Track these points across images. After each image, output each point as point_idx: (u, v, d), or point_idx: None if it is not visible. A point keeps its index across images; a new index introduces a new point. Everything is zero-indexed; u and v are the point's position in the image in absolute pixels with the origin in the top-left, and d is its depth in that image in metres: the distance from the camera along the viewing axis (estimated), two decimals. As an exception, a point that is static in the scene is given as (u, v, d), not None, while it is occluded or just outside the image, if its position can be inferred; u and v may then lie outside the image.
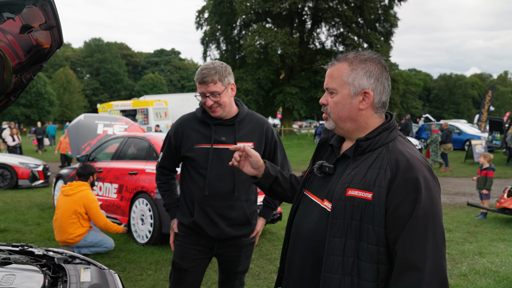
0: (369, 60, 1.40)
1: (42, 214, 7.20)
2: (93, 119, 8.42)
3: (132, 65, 77.15)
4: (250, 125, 2.41)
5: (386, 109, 1.45)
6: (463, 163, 15.44)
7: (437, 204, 1.29)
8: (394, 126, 1.41)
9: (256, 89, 28.43)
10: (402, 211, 1.25)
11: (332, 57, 1.49)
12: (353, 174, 1.35)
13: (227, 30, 30.59)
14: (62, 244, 4.81)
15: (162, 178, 2.53)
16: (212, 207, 2.32)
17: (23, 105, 44.97)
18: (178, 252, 2.42)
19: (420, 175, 1.27)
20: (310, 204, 1.48)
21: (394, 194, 1.26)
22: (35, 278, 1.83)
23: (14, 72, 2.12)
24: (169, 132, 2.46)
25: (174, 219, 2.47)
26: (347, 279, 1.30)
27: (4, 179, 10.23)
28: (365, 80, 1.38)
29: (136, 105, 20.28)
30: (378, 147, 1.37)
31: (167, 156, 2.47)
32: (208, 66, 2.25)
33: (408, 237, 1.24)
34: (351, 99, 1.39)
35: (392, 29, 30.68)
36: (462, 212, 7.64)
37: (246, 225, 2.41)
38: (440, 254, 1.25)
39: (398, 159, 1.30)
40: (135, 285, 4.05)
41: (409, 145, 1.39)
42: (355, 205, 1.30)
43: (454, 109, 67.31)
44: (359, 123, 1.41)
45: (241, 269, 2.49)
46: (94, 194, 4.90)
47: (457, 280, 4.24)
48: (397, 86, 30.92)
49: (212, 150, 2.30)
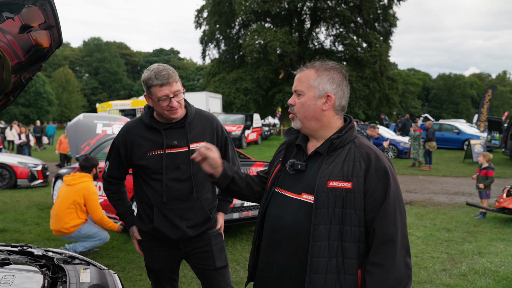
0: (333, 69, 1.61)
1: (41, 214, 7.18)
2: (92, 118, 8.41)
3: (131, 64, 77.10)
4: (201, 125, 2.36)
5: (345, 113, 1.67)
6: (462, 162, 15.45)
7: (399, 186, 1.56)
8: (354, 126, 1.65)
9: (255, 89, 28.43)
10: (377, 195, 1.49)
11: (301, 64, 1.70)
12: (331, 168, 1.54)
13: (226, 30, 30.56)
14: (56, 233, 4.78)
15: (112, 187, 2.46)
16: (172, 210, 2.29)
17: (22, 104, 44.89)
18: (147, 256, 2.43)
19: (387, 165, 1.52)
20: (284, 199, 1.62)
21: (369, 181, 1.49)
22: (34, 279, 1.82)
23: (13, 72, 2.11)
24: (115, 141, 2.37)
25: (132, 227, 2.44)
26: (333, 260, 1.49)
27: (3, 179, 10.21)
28: (328, 85, 1.59)
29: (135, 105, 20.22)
30: (346, 143, 1.58)
31: (115, 166, 2.40)
32: (161, 67, 2.16)
33: (383, 216, 1.47)
34: (316, 100, 1.59)
35: (391, 28, 30.69)
36: (461, 212, 7.64)
37: (206, 222, 2.38)
38: (404, 227, 1.53)
39: (368, 152, 1.54)
40: (135, 285, 4.04)
41: (368, 141, 1.65)
42: (337, 195, 1.49)
43: (453, 109, 67.39)
44: (322, 122, 1.61)
45: (219, 264, 2.41)
46: (95, 187, 4.86)
47: (457, 280, 4.24)
48: (396, 86, 30.95)
49: (166, 156, 2.25)
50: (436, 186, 10.90)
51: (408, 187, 10.56)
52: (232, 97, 28.45)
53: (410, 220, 6.94)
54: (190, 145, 2.29)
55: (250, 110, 29.14)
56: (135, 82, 71.02)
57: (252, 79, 28.38)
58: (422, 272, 4.46)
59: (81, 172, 4.90)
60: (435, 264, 4.73)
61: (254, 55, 27.04)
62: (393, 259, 1.45)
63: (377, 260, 1.46)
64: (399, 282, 1.46)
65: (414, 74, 76.21)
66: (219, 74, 30.77)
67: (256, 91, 28.52)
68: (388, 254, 1.45)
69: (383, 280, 1.44)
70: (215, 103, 23.58)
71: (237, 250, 5.17)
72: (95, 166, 4.98)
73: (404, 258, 1.49)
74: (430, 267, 4.62)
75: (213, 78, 31.13)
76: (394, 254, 1.46)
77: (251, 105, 29.27)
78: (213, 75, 31.74)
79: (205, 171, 1.82)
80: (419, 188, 10.47)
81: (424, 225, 6.59)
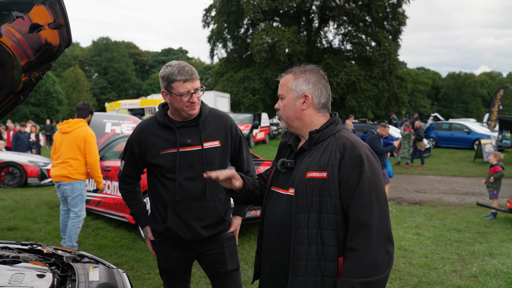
0: (309, 71, 1.72)
1: (51, 212, 7.25)
2: (101, 118, 8.47)
3: (140, 64, 77.49)
4: (214, 124, 2.35)
5: (330, 110, 1.75)
6: (472, 162, 15.28)
7: (378, 174, 1.58)
8: (338, 121, 1.72)
9: (263, 88, 28.41)
10: (351, 182, 1.53)
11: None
12: (310, 160, 1.63)
13: (234, 29, 30.58)
14: (56, 180, 4.87)
15: (127, 187, 2.46)
16: (186, 210, 2.28)
17: (33, 104, 45.40)
18: (160, 257, 2.43)
19: (363, 152, 1.57)
20: (278, 196, 1.73)
21: (344, 169, 1.55)
22: (44, 277, 1.83)
23: (23, 71, 2.12)
24: (129, 140, 2.38)
25: (146, 227, 2.44)
26: (313, 248, 1.56)
27: (13, 177, 10.33)
28: (304, 86, 1.69)
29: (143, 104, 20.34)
30: (327, 137, 1.66)
31: (130, 165, 2.40)
32: (185, 63, 2.19)
33: (357, 202, 1.51)
34: (295, 101, 1.70)
35: (400, 27, 30.47)
36: (472, 212, 7.55)
37: (220, 224, 2.37)
38: (384, 214, 1.54)
39: (345, 142, 1.60)
40: (143, 284, 4.06)
41: (352, 134, 1.70)
42: (314, 184, 1.57)
43: (463, 108, 66.62)
44: (304, 121, 1.71)
45: (231, 267, 2.40)
46: (92, 130, 5.01)
47: (467, 281, 4.19)
48: (405, 85, 30.72)
49: (179, 154, 2.25)
50: (446, 186, 10.79)
51: (418, 187, 10.47)
52: (240, 96, 28.46)
53: (419, 220, 6.87)
54: (204, 144, 2.28)
55: (258, 109, 29.13)
56: (143, 81, 71.36)
57: (260, 78, 28.36)
58: (432, 273, 4.41)
59: (77, 117, 5.03)
60: (445, 265, 4.68)
61: (262, 55, 27.01)
62: (368, 244, 1.48)
63: (352, 245, 1.50)
64: (377, 267, 1.47)
65: (424, 73, 75.51)
66: (227, 73, 30.81)
67: (264, 91, 28.50)
68: (362, 238, 1.49)
69: (358, 264, 1.47)
70: (223, 103, 23.62)
71: (245, 249, 5.17)
72: (91, 112, 5.12)
73: (384, 245, 1.51)
74: (440, 268, 4.56)
75: (221, 78, 31.17)
76: (369, 239, 1.48)
77: (259, 104, 29.26)
78: (221, 74, 31.78)
79: (225, 186, 1.89)
80: (428, 188, 10.37)
81: (434, 225, 6.52)
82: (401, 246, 5.36)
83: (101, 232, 5.98)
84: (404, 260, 4.82)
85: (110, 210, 6.35)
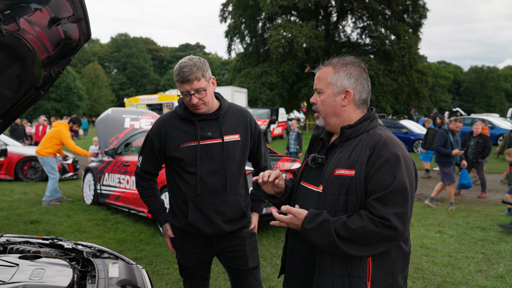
0: (350, 64, 1.63)
1: (71, 206, 7.36)
2: (121, 113, 8.53)
3: (158, 59, 78.18)
4: (234, 118, 2.34)
5: (368, 105, 1.67)
6: (496, 158, 14.87)
7: (407, 174, 1.47)
8: (375, 116, 1.63)
9: (280, 83, 28.23)
10: (376, 181, 1.45)
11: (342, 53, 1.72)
12: (340, 156, 1.56)
13: (251, 24, 30.44)
14: (35, 154, 7.80)
15: (145, 183, 2.42)
16: (207, 204, 2.25)
17: (54, 99, 46.34)
18: (180, 254, 2.40)
19: (393, 152, 1.48)
20: (307, 192, 1.68)
21: (370, 167, 1.48)
22: (64, 272, 1.82)
23: (43, 66, 2.11)
24: (149, 135, 2.35)
25: (165, 224, 2.40)
26: None
27: (35, 172, 10.55)
28: (346, 81, 1.60)
29: (162, 99, 20.47)
30: (360, 133, 1.58)
31: (148, 160, 2.37)
32: (187, 63, 2.15)
33: (382, 197, 1.43)
34: (335, 97, 1.61)
35: (421, 20, 29.77)
36: (496, 210, 7.34)
37: (242, 219, 2.35)
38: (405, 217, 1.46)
39: (377, 140, 1.53)
40: (162, 279, 4.06)
41: (388, 131, 1.62)
42: (341, 182, 1.51)
43: (486, 103, 64.95)
44: (343, 117, 1.62)
45: (252, 264, 2.37)
46: (68, 132, 7.59)
47: (494, 282, 4.05)
48: (425, 79, 30.08)
49: (200, 147, 2.23)
50: (468, 182, 10.50)
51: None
52: (258, 92, 28.37)
53: (441, 218, 6.71)
54: (224, 137, 2.26)
55: (276, 104, 29.00)
56: (161, 77, 72.02)
57: (278, 73, 28.19)
58: (456, 273, 4.29)
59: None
60: (470, 264, 4.54)
61: (279, 51, 26.83)
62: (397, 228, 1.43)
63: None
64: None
65: (445, 67, 73.87)
66: (245, 69, 30.73)
67: (281, 85, 28.32)
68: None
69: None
70: (241, 98, 23.59)
71: (263, 245, 5.13)
72: (75, 122, 8.07)
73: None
74: (465, 268, 4.43)
75: (238, 74, 31.13)
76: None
77: (277, 99, 29.12)
78: (238, 70, 31.74)
79: (266, 191, 1.83)
80: (450, 185, 10.11)
81: (457, 223, 6.35)
82: (423, 244, 5.23)
83: (120, 226, 6.04)
84: (427, 259, 4.70)
85: (129, 204, 6.40)
